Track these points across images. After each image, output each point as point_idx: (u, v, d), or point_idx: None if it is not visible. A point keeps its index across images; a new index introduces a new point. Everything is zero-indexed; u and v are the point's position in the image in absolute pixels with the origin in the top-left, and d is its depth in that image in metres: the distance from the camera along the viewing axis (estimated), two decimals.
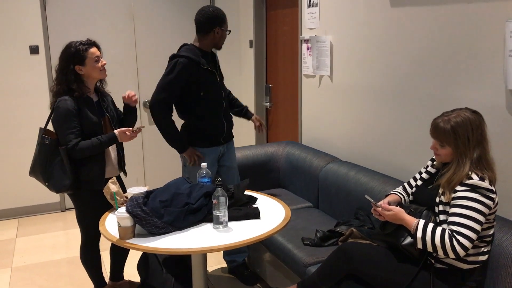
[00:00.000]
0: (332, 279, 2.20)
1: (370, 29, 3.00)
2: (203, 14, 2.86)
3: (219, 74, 3.00)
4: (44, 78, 4.40)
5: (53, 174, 2.52)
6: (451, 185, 1.96)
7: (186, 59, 2.80)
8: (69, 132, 2.47)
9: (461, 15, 2.36)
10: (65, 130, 2.47)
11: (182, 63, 2.79)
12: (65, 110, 2.46)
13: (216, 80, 2.94)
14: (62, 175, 2.50)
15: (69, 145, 2.46)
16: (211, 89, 2.91)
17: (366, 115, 3.12)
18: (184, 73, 2.79)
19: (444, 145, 2.00)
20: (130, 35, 4.70)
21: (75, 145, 2.46)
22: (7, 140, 4.38)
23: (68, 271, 3.41)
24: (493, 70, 2.23)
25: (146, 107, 4.86)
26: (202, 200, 2.25)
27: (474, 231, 1.87)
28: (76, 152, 2.47)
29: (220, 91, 2.98)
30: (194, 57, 2.82)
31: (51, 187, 2.55)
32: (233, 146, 3.17)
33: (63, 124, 2.48)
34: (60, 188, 2.53)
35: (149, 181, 4.99)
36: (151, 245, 2.02)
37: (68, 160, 2.48)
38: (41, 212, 4.60)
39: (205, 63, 2.87)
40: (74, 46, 2.52)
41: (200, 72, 2.84)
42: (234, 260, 3.21)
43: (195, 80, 2.83)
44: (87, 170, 2.54)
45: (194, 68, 2.81)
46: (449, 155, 2.01)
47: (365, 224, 2.61)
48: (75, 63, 2.51)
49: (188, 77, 2.81)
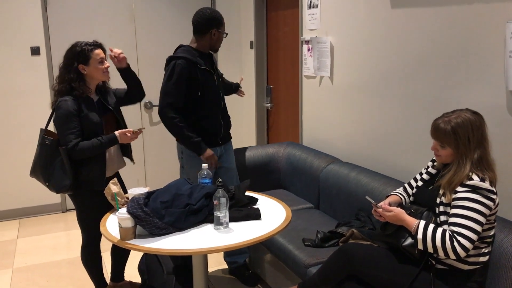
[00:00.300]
0: (333, 280, 2.20)
1: (370, 30, 3.00)
2: (200, 15, 2.87)
3: (216, 75, 3.01)
4: (45, 79, 4.41)
5: (53, 174, 2.52)
6: (452, 186, 1.96)
7: (184, 60, 2.81)
8: (69, 133, 2.47)
9: (462, 16, 2.36)
10: (65, 130, 2.48)
11: (181, 64, 2.80)
12: (66, 111, 2.47)
13: (214, 80, 2.95)
14: (62, 175, 2.51)
15: (69, 145, 2.46)
16: (209, 89, 2.92)
17: (367, 116, 3.12)
18: (184, 73, 2.81)
19: (445, 146, 2.00)
20: (131, 36, 4.70)
21: (75, 145, 2.47)
22: (8, 141, 4.38)
23: (69, 272, 3.42)
24: (493, 71, 2.24)
25: (147, 108, 4.86)
26: (203, 201, 2.25)
27: (475, 232, 1.87)
28: (76, 152, 2.47)
29: (217, 91, 2.99)
30: (191, 57, 2.84)
31: (51, 187, 2.56)
32: (231, 147, 3.18)
33: (63, 124, 2.49)
34: (60, 188, 2.54)
35: (150, 182, 5.00)
36: (152, 246, 2.02)
37: (68, 160, 2.48)
38: (42, 213, 4.61)
39: (203, 63, 2.89)
40: (80, 45, 2.54)
41: (198, 72, 2.85)
42: (235, 261, 3.21)
43: (193, 80, 2.84)
44: (87, 170, 2.54)
45: (192, 68, 2.83)
46: (450, 156, 2.01)
47: (366, 225, 2.61)
48: (79, 62, 2.52)
49: (188, 77, 2.82)
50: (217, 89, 2.98)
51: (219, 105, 3.00)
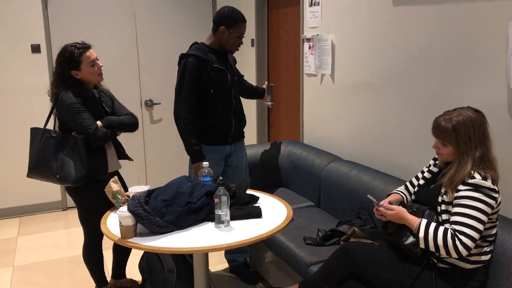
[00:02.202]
0: (334, 279, 2.20)
1: (372, 28, 2.99)
2: (217, 12, 2.90)
3: (230, 73, 2.97)
4: (45, 77, 4.40)
5: (63, 166, 2.47)
6: (454, 184, 1.95)
7: (194, 58, 2.81)
8: (86, 117, 2.43)
9: (464, 14, 2.35)
10: (80, 118, 2.42)
11: (191, 63, 2.80)
12: (72, 101, 2.43)
13: (226, 78, 2.92)
14: (77, 166, 2.46)
15: (90, 129, 2.42)
16: (220, 87, 2.90)
17: (368, 114, 3.11)
18: (194, 71, 2.81)
19: (446, 144, 1.99)
20: (132, 34, 4.69)
21: (96, 130, 2.43)
22: (8, 139, 4.38)
23: (69, 270, 3.41)
24: (495, 69, 2.23)
25: (148, 106, 4.86)
26: (203, 199, 2.24)
27: (477, 230, 1.87)
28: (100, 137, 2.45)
29: (229, 89, 2.95)
30: (202, 55, 2.84)
31: (63, 180, 2.49)
32: (243, 146, 3.14)
33: (75, 113, 2.43)
34: (76, 179, 2.48)
35: (150, 180, 4.99)
36: (153, 244, 2.02)
37: (85, 150, 2.46)
38: (42, 210, 4.61)
39: (215, 60, 2.88)
40: (69, 50, 2.47)
41: (208, 70, 2.85)
42: (235, 259, 3.21)
43: (204, 78, 2.84)
44: (91, 159, 2.52)
45: (203, 65, 2.83)
46: (451, 154, 2.00)
47: (367, 224, 2.60)
48: (70, 69, 2.47)
49: (198, 75, 2.83)
50: (229, 87, 2.95)
51: (230, 103, 2.96)
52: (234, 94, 2.99)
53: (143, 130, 4.87)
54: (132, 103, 4.77)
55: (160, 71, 4.88)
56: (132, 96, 4.77)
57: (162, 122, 4.96)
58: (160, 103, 4.89)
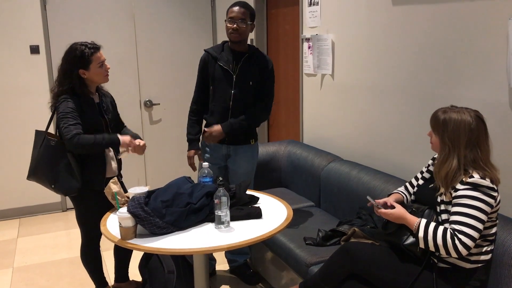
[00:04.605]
0: (335, 279, 2.19)
1: (371, 28, 2.98)
2: None
3: (237, 75, 2.86)
4: (44, 78, 4.40)
5: (59, 177, 2.46)
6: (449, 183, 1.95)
7: (206, 53, 2.94)
8: (70, 124, 2.37)
9: (464, 13, 2.35)
10: (66, 123, 2.38)
11: (202, 58, 2.95)
12: (67, 107, 2.41)
13: (228, 80, 2.86)
14: (70, 178, 2.46)
15: (68, 135, 2.33)
16: (220, 87, 2.88)
17: (368, 114, 3.11)
18: (200, 66, 2.95)
19: (434, 133, 2.03)
20: (131, 35, 4.69)
21: (75, 136, 2.34)
22: (7, 140, 4.38)
23: (69, 271, 3.41)
24: (496, 68, 2.22)
25: (147, 107, 4.85)
26: (203, 200, 2.24)
27: (476, 229, 1.86)
28: (75, 144, 2.34)
29: (229, 91, 2.86)
30: (213, 51, 2.92)
31: (58, 190, 2.50)
32: (245, 151, 3.01)
33: (64, 118, 2.39)
34: (68, 191, 2.50)
35: (150, 181, 4.99)
36: (153, 245, 2.02)
37: (76, 162, 2.45)
38: (42, 212, 4.60)
39: (223, 58, 2.88)
40: (79, 49, 2.45)
41: (214, 67, 2.89)
42: (235, 259, 3.21)
43: (207, 74, 2.92)
44: (88, 170, 2.53)
45: (211, 62, 2.90)
46: (437, 145, 2.04)
47: (368, 224, 2.60)
48: (79, 67, 2.45)
49: (203, 69, 2.93)
50: (229, 89, 2.86)
51: (226, 106, 2.88)
52: (235, 98, 2.87)
53: (143, 130, 4.87)
54: (132, 104, 4.77)
55: (160, 71, 4.87)
56: (131, 96, 4.77)
57: (161, 122, 4.96)
58: (160, 103, 4.89)
